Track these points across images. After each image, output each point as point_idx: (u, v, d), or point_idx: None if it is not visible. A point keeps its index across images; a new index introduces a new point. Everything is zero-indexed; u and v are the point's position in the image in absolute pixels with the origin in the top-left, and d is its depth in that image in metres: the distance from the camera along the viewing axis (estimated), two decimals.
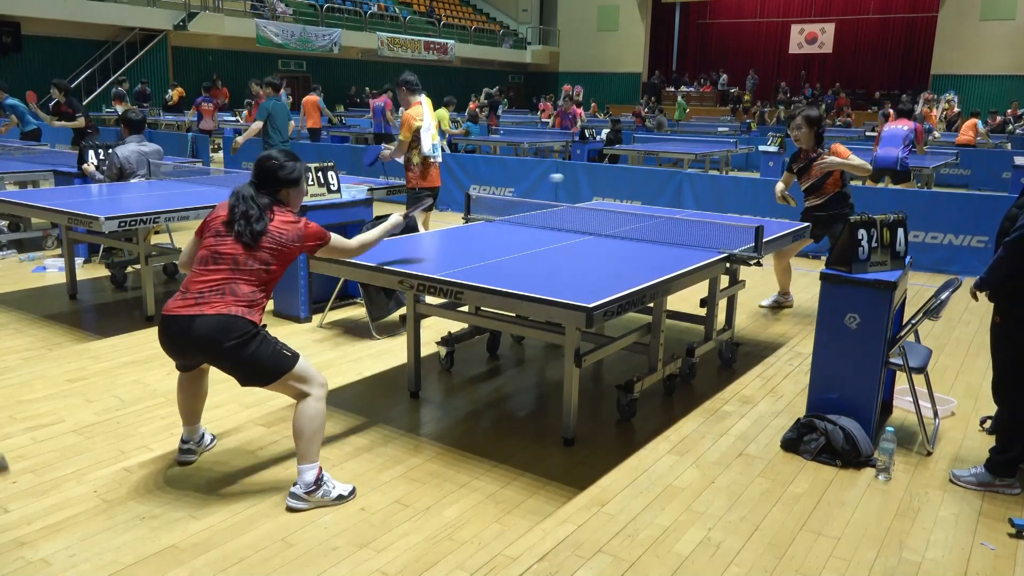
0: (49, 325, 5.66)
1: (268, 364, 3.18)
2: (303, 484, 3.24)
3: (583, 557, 2.99)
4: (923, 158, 12.29)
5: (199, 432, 3.69)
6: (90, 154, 7.50)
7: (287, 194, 3.39)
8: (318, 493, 3.26)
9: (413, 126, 6.61)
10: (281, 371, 3.19)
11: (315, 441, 3.24)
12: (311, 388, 3.26)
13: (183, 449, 3.63)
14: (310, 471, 3.25)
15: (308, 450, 3.24)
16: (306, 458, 3.24)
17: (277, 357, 3.20)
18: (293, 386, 3.24)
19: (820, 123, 5.99)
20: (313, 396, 3.25)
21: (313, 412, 3.23)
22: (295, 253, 3.32)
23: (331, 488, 3.30)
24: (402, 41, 29.02)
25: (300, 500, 3.24)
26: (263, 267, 3.22)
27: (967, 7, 27.21)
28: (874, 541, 3.15)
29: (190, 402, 3.57)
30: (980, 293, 3.59)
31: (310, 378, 3.27)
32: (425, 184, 6.74)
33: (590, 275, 3.95)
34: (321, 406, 3.26)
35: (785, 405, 4.52)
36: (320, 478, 3.27)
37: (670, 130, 20.54)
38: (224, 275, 3.18)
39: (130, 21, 21.74)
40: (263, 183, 3.34)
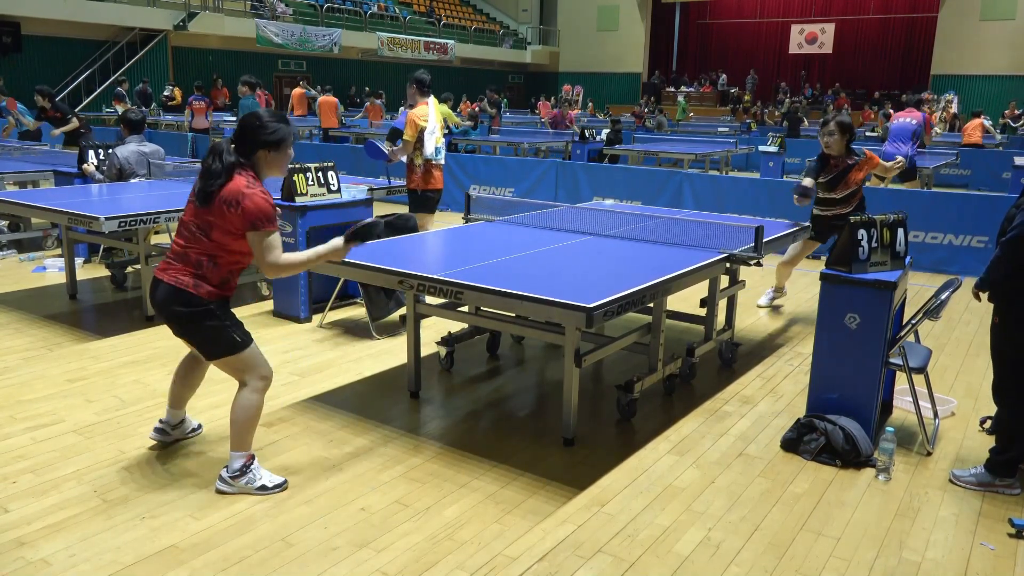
0: (49, 325, 5.67)
1: (213, 342, 3.23)
2: (230, 469, 3.33)
3: (583, 557, 2.99)
4: (923, 158, 12.29)
5: (180, 417, 3.75)
6: (90, 154, 7.50)
7: (265, 157, 3.21)
8: (242, 480, 3.32)
9: (418, 127, 6.60)
10: (225, 352, 3.24)
11: (246, 431, 3.31)
12: (250, 378, 3.30)
13: (158, 428, 3.73)
14: (238, 459, 3.33)
15: (238, 438, 3.31)
16: (235, 445, 3.32)
17: (224, 339, 3.23)
18: (235, 371, 3.30)
19: (853, 130, 5.77)
20: (250, 387, 3.29)
21: (246, 403, 3.28)
22: (236, 225, 3.09)
23: (256, 477, 3.34)
24: (402, 41, 29.01)
25: (225, 483, 3.34)
26: (204, 234, 3.14)
27: (967, 7, 27.20)
28: (874, 541, 3.16)
29: (179, 387, 3.66)
30: (982, 293, 3.59)
31: (252, 367, 3.30)
32: (428, 186, 6.73)
33: (590, 275, 3.95)
34: (256, 398, 3.30)
35: (785, 405, 4.52)
36: (247, 466, 3.33)
37: (670, 130, 20.54)
38: (182, 242, 3.19)
39: (130, 21, 21.73)
40: (240, 142, 3.20)
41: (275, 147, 3.21)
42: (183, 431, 3.80)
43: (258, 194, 3.11)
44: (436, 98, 6.91)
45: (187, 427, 3.82)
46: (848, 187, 5.75)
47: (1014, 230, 3.35)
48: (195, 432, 3.87)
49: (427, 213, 6.77)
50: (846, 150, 5.72)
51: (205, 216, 3.13)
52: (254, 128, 3.17)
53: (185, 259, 3.18)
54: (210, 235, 3.14)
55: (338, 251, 3.30)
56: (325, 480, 3.51)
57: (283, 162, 3.28)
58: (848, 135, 5.68)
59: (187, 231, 3.19)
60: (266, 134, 3.17)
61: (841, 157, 5.71)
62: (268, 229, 3.13)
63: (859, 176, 5.73)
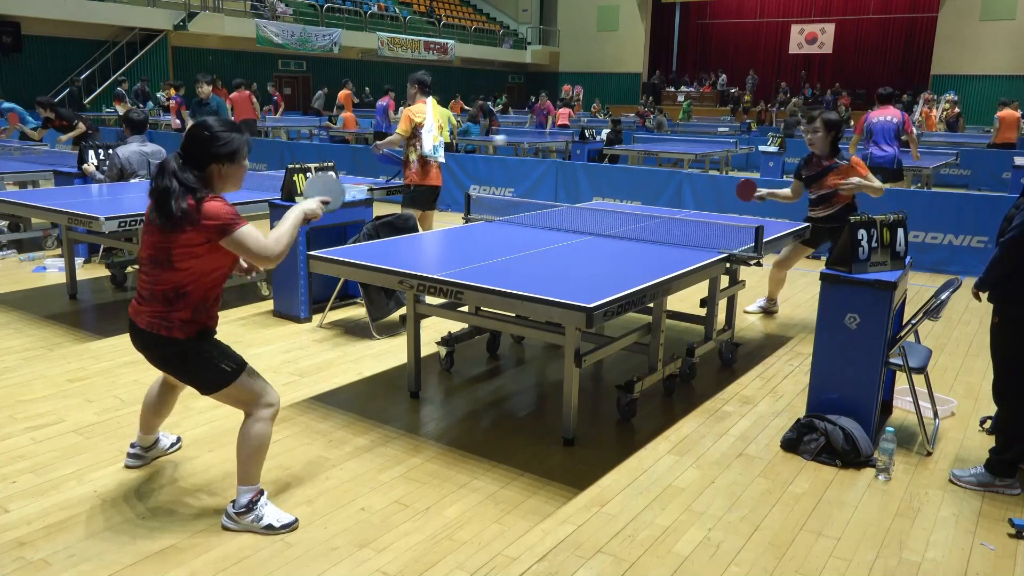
0: (49, 325, 5.67)
1: (203, 378, 2.99)
2: (236, 505, 3.09)
3: (583, 557, 2.99)
4: (922, 158, 12.28)
5: (153, 439, 3.58)
6: (90, 154, 7.51)
7: (218, 171, 2.89)
8: (248, 517, 3.07)
9: (413, 121, 6.65)
10: (217, 386, 3.00)
11: (252, 463, 3.06)
12: (254, 407, 3.06)
13: (130, 454, 3.56)
14: (245, 493, 3.08)
15: (245, 471, 3.07)
16: (243, 479, 3.08)
17: (213, 372, 2.98)
18: (235, 401, 3.06)
19: (839, 128, 5.57)
20: (254, 416, 3.05)
21: (250, 434, 3.03)
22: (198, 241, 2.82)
23: (263, 515, 3.08)
24: (402, 41, 29.01)
25: (230, 520, 3.09)
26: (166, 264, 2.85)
27: (967, 7, 27.21)
28: (874, 541, 3.16)
29: (150, 414, 3.46)
30: (981, 293, 3.59)
31: (254, 396, 3.05)
32: (424, 183, 6.75)
33: (590, 275, 3.95)
34: (261, 428, 3.04)
35: (785, 405, 4.52)
36: (255, 501, 3.08)
37: (670, 130, 20.55)
38: (146, 278, 2.93)
39: (130, 21, 21.74)
40: (190, 155, 2.88)
41: (228, 160, 2.90)
42: (160, 450, 3.63)
43: (210, 199, 2.84)
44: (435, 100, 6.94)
45: (163, 445, 3.64)
46: (822, 189, 5.61)
47: (1013, 231, 3.36)
48: (174, 447, 3.69)
49: (422, 210, 6.79)
50: (830, 149, 5.56)
51: (164, 243, 2.83)
52: (204, 140, 2.86)
53: (153, 298, 2.92)
54: (172, 263, 2.85)
55: (312, 210, 3.11)
56: (325, 480, 3.51)
57: (239, 176, 2.97)
58: (833, 133, 5.52)
59: (149, 263, 2.91)
60: (217, 146, 2.86)
61: (824, 156, 5.58)
62: (239, 226, 2.84)
63: (837, 181, 5.52)
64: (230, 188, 2.98)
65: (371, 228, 5.59)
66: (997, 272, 3.44)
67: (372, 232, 5.54)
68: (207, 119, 2.95)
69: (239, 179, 3.00)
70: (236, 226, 2.83)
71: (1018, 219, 3.37)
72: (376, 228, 5.60)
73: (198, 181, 2.85)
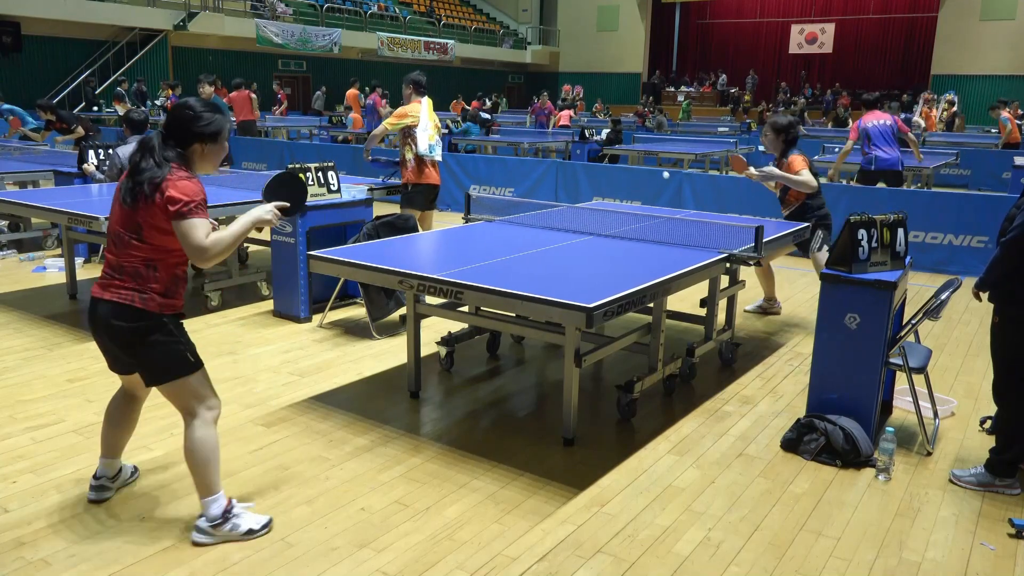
0: (49, 325, 5.66)
1: (163, 360, 2.88)
2: (208, 518, 2.97)
3: (583, 557, 2.99)
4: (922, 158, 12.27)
5: (117, 467, 3.33)
6: (90, 154, 7.51)
7: (200, 150, 2.92)
8: (225, 527, 2.98)
9: (405, 119, 6.68)
10: (175, 373, 2.90)
11: (209, 470, 2.94)
12: (199, 407, 2.95)
13: (95, 486, 3.27)
14: (214, 504, 2.97)
15: (204, 481, 2.95)
16: (205, 490, 2.96)
17: (176, 357, 2.90)
18: (182, 396, 2.94)
19: (788, 130, 5.82)
20: (200, 419, 2.94)
21: (200, 440, 2.93)
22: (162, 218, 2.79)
23: (240, 522, 3.00)
24: (402, 41, 29.01)
25: (204, 534, 2.98)
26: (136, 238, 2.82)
27: (967, 7, 27.21)
28: (874, 541, 3.16)
29: (113, 432, 3.22)
30: (982, 293, 3.59)
31: (202, 396, 2.96)
32: (420, 181, 6.77)
33: (590, 275, 3.95)
34: (209, 432, 2.95)
35: (785, 405, 4.52)
36: (229, 510, 2.99)
37: (670, 130, 20.55)
38: (114, 253, 2.88)
39: (130, 21, 21.73)
40: (171, 134, 2.89)
41: (211, 139, 2.92)
42: (123, 480, 3.38)
43: (182, 179, 2.81)
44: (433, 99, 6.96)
45: (125, 475, 3.40)
46: (777, 187, 5.93)
47: (1014, 231, 3.35)
48: (134, 477, 3.45)
49: (420, 209, 6.79)
50: (782, 150, 5.84)
51: (133, 218, 2.81)
52: (188, 119, 2.88)
53: (122, 271, 2.85)
54: (142, 237, 2.82)
55: (265, 220, 2.99)
56: (325, 480, 3.51)
57: (218, 156, 3.00)
58: (783, 135, 5.82)
59: (117, 239, 2.87)
60: (201, 125, 2.88)
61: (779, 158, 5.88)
62: (193, 215, 2.77)
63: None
64: (208, 169, 3.00)
65: (371, 228, 5.59)
66: (998, 272, 3.44)
67: (372, 232, 5.54)
68: (189, 99, 2.98)
69: (218, 160, 3.02)
70: (190, 214, 2.77)
71: (1019, 219, 3.37)
72: (376, 228, 5.60)
73: (178, 158, 2.87)
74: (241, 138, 14.65)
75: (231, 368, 4.88)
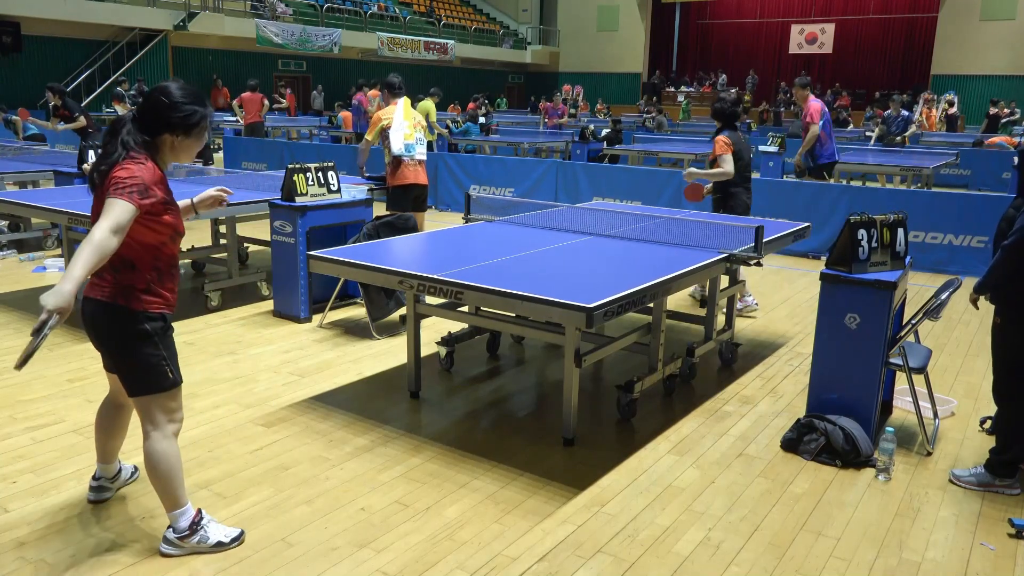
0: None
1: (142, 372, 2.74)
2: (176, 530, 2.88)
3: (583, 557, 2.99)
4: (922, 159, 12.31)
5: (115, 468, 3.29)
6: (90, 154, 7.50)
7: (171, 142, 2.68)
8: (193, 539, 2.89)
9: (379, 125, 6.70)
10: (152, 388, 2.76)
11: (173, 483, 2.84)
12: (164, 420, 2.82)
13: (94, 487, 3.25)
14: (182, 516, 2.88)
15: (170, 496, 2.86)
16: (171, 503, 2.87)
17: (156, 372, 2.75)
18: (151, 410, 2.80)
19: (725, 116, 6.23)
20: (160, 431, 2.81)
21: (163, 454, 2.81)
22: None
23: (209, 534, 2.92)
24: (402, 41, 29.01)
25: (172, 546, 2.89)
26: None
27: (967, 7, 27.20)
28: (874, 541, 3.16)
29: (105, 438, 3.16)
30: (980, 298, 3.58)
31: (171, 411, 2.84)
32: (397, 183, 6.73)
33: (590, 275, 3.95)
34: (167, 445, 2.81)
35: (785, 405, 4.52)
36: (197, 522, 2.90)
37: (670, 130, 20.54)
38: None
39: (130, 21, 21.72)
40: (143, 120, 2.66)
41: (185, 132, 2.68)
42: (123, 480, 3.35)
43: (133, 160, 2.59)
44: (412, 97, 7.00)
45: (125, 475, 3.36)
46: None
47: (1016, 234, 3.33)
48: (133, 477, 3.41)
49: (404, 211, 6.76)
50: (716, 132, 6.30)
51: (99, 209, 2.58)
52: (162, 107, 2.63)
53: (104, 268, 2.65)
54: None
55: (67, 295, 2.56)
56: (325, 480, 3.51)
57: (192, 150, 2.76)
58: (719, 120, 6.31)
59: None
60: (175, 116, 2.63)
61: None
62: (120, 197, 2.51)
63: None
64: (183, 160, 2.78)
65: (371, 228, 5.59)
66: (997, 276, 3.43)
67: (372, 232, 5.54)
68: (169, 83, 2.71)
69: (192, 153, 2.79)
70: (117, 193, 2.51)
71: (1020, 222, 3.35)
72: (376, 228, 5.60)
73: (144, 147, 2.65)
74: (244, 139, 14.65)
75: (231, 368, 4.88)
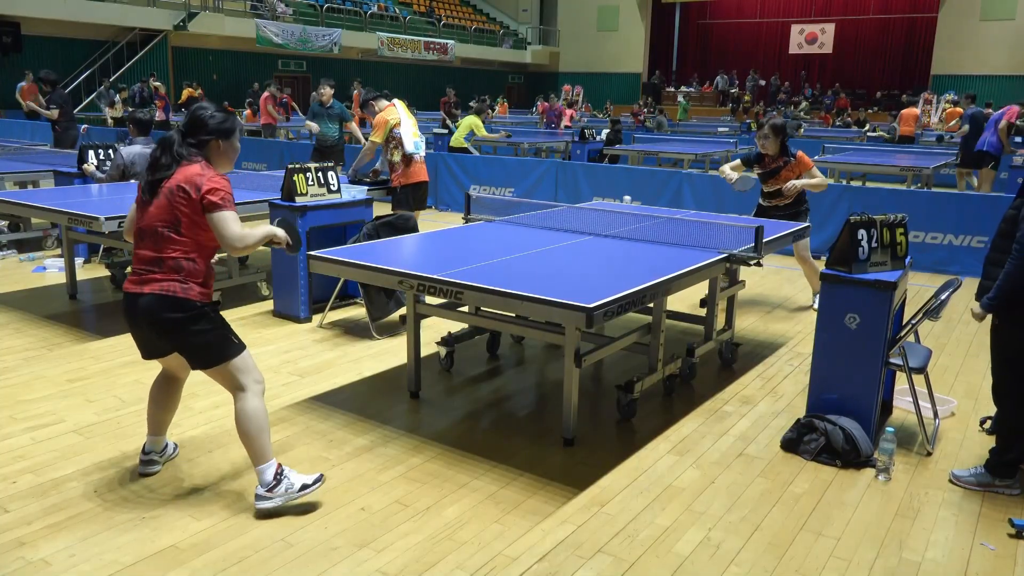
0: (49, 325, 5.66)
1: (210, 347, 3.10)
2: (263, 483, 3.19)
3: (583, 557, 2.99)
4: (921, 158, 12.31)
5: (162, 443, 3.58)
6: (90, 154, 7.51)
7: (217, 147, 3.18)
8: (280, 488, 3.19)
9: (387, 126, 6.69)
10: (223, 357, 3.12)
11: (261, 440, 3.17)
12: (248, 382, 3.17)
13: (144, 460, 3.51)
14: (268, 469, 3.19)
15: (259, 451, 3.17)
16: (259, 458, 3.18)
17: (222, 342, 3.12)
18: (232, 376, 3.15)
19: (786, 131, 6.22)
20: (251, 392, 3.17)
21: (252, 411, 3.15)
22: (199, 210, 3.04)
23: (294, 481, 3.23)
24: (402, 41, 29.01)
25: (265, 499, 3.18)
26: (175, 231, 3.03)
27: (967, 7, 27.20)
28: (874, 541, 3.16)
29: (159, 412, 3.46)
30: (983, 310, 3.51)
31: (249, 372, 3.18)
32: (409, 181, 6.77)
33: (590, 275, 3.95)
34: (257, 403, 3.17)
35: (785, 405, 4.52)
36: (280, 472, 3.21)
37: (670, 130, 20.54)
38: (151, 250, 3.07)
39: (130, 21, 21.73)
40: (190, 131, 3.15)
41: (226, 136, 3.18)
42: (168, 456, 3.63)
43: (216, 175, 3.09)
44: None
45: (170, 451, 3.65)
46: (778, 183, 6.17)
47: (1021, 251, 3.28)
48: (175, 452, 3.69)
49: (411, 210, 6.79)
50: (780, 150, 6.15)
51: (171, 212, 3.03)
52: (205, 118, 3.15)
53: (162, 264, 3.05)
54: (181, 232, 3.04)
55: (279, 236, 3.30)
56: (325, 480, 3.51)
57: (233, 154, 3.25)
58: (781, 136, 6.15)
59: (155, 235, 3.07)
60: (217, 123, 3.16)
61: (776, 156, 6.16)
62: (230, 208, 3.07)
63: (790, 176, 6.11)
64: (226, 166, 3.24)
65: (371, 228, 5.59)
66: (1007, 292, 3.34)
67: (372, 232, 5.54)
68: (204, 103, 3.30)
69: (232, 159, 3.26)
70: (224, 206, 3.05)
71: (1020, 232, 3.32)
72: (376, 228, 5.60)
73: (197, 154, 3.12)
74: (244, 139, 14.64)
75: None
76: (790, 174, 6.11)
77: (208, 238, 3.10)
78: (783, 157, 6.15)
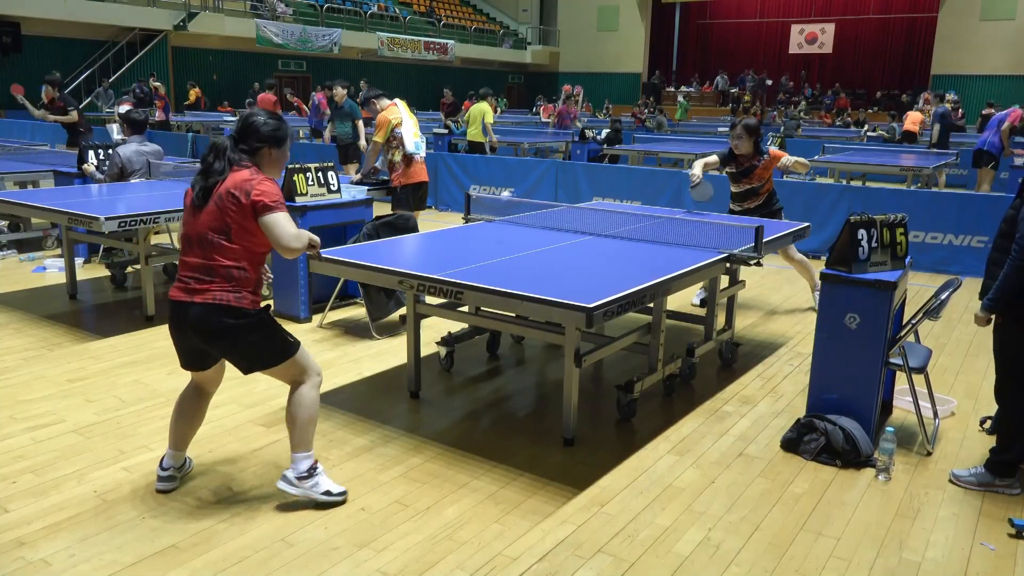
0: (49, 325, 5.66)
1: (269, 350, 3.15)
2: (296, 471, 3.24)
3: (583, 557, 2.99)
4: (921, 158, 12.32)
5: (183, 459, 3.46)
6: (90, 154, 7.51)
7: (268, 154, 3.16)
8: (308, 483, 3.25)
9: (388, 126, 6.70)
10: (282, 357, 3.17)
11: (308, 429, 3.23)
12: (307, 376, 3.24)
13: (163, 476, 3.37)
14: (305, 460, 3.24)
15: (302, 438, 3.23)
16: (300, 446, 3.23)
17: (280, 343, 3.16)
18: (291, 373, 3.21)
19: (759, 132, 6.23)
20: (310, 383, 3.23)
21: (308, 400, 3.21)
22: (251, 215, 3.01)
23: (321, 484, 3.27)
24: (402, 41, 29.00)
25: (291, 484, 3.24)
26: (226, 239, 3.01)
27: (967, 7, 27.19)
28: (874, 541, 3.16)
29: (184, 425, 3.36)
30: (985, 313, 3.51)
31: (309, 367, 3.25)
32: (409, 181, 6.77)
33: (590, 275, 3.95)
34: (314, 394, 3.24)
35: (785, 405, 4.52)
36: (313, 468, 3.26)
37: (670, 130, 20.54)
38: (200, 257, 3.04)
39: (130, 21, 21.73)
40: (242, 137, 3.14)
41: (278, 144, 3.18)
42: (185, 471, 3.52)
43: (266, 179, 3.08)
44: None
45: (188, 466, 3.54)
46: (752, 182, 6.19)
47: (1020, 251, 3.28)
48: (191, 467, 3.56)
49: (411, 210, 6.79)
50: (754, 149, 6.14)
51: (222, 219, 3.00)
52: (259, 125, 3.14)
53: (213, 272, 3.03)
54: (231, 239, 3.01)
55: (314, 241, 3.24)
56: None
57: (283, 161, 3.27)
58: (755, 137, 6.15)
59: (204, 242, 3.03)
60: (270, 130, 3.15)
61: (748, 155, 6.15)
62: (282, 210, 3.05)
63: (764, 174, 6.15)
64: (275, 172, 3.23)
65: (371, 228, 5.59)
66: (1007, 293, 3.33)
67: (372, 232, 5.54)
68: (257, 110, 3.29)
69: (282, 165, 3.29)
70: (276, 209, 3.02)
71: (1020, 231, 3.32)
72: (376, 228, 5.60)
73: (247, 160, 3.11)
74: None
75: (231, 368, 4.86)
76: (764, 172, 6.13)
77: (257, 244, 3.07)
78: (756, 156, 6.16)
